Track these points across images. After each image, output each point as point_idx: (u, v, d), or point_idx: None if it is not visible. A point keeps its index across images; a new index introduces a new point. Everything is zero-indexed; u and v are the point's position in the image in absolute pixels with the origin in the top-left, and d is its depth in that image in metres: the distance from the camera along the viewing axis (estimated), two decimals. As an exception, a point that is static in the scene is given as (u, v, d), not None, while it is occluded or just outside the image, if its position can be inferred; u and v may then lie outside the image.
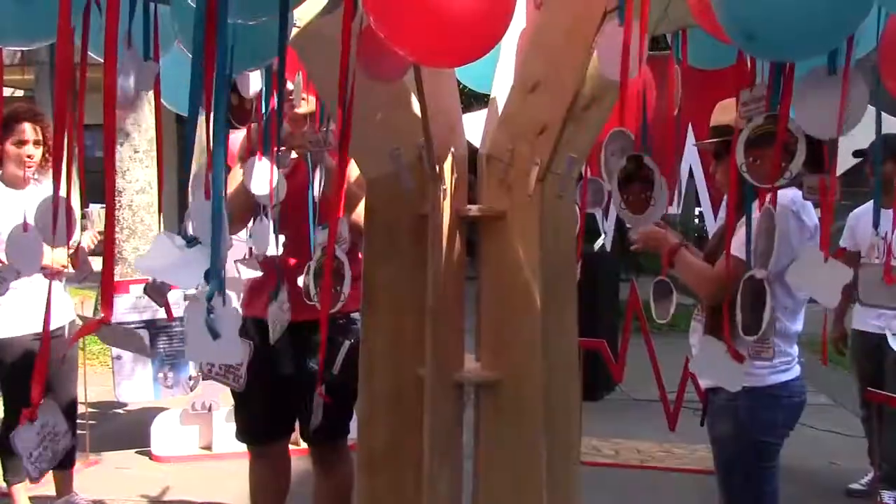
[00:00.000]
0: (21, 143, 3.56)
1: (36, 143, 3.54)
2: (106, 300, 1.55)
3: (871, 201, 4.21)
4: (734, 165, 1.81)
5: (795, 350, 2.78)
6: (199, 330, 1.47)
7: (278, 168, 2.32)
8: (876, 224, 2.09)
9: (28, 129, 3.53)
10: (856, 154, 3.99)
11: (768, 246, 1.88)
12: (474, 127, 2.72)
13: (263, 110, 2.37)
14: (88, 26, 1.63)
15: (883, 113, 2.13)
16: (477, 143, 2.61)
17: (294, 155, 2.92)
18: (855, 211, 4.37)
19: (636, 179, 1.82)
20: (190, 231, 1.58)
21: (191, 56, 1.47)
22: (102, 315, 1.58)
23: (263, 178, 2.31)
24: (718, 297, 2.64)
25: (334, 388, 2.54)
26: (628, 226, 4.13)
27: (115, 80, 1.42)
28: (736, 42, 1.54)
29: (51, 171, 3.43)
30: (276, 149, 2.32)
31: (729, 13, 1.47)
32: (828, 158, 2.10)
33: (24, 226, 2.06)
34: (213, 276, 1.50)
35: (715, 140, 2.77)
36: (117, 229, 7.76)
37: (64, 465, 3.85)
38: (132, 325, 4.88)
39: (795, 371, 2.74)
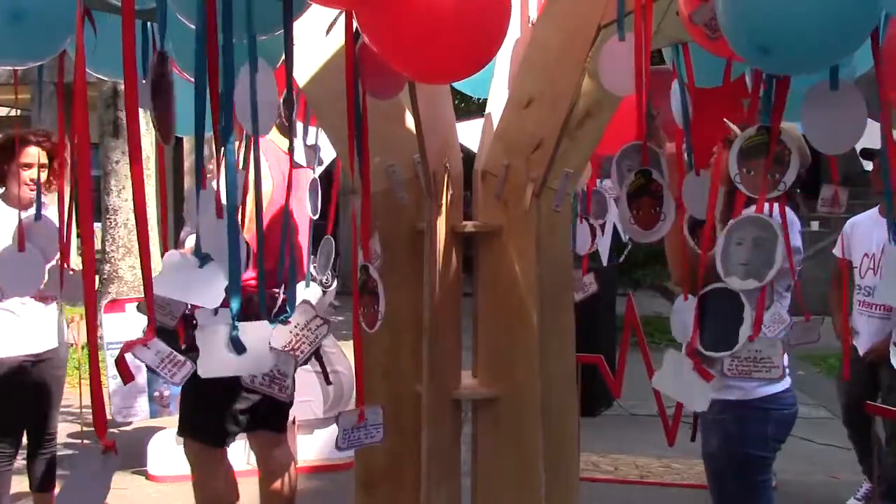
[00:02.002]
0: (27, 166, 3.58)
1: (42, 166, 3.55)
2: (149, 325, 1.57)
3: (868, 211, 4.22)
4: (716, 172, 1.81)
5: (785, 360, 2.77)
6: (220, 346, 1.49)
7: None
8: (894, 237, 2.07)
9: (35, 153, 3.54)
10: (863, 154, 3.94)
11: (760, 257, 1.81)
12: (471, 134, 2.72)
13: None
14: (83, 43, 1.63)
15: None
16: (474, 148, 2.61)
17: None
18: (851, 219, 4.30)
19: (645, 194, 1.81)
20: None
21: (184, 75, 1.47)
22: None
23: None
24: (684, 283, 2.63)
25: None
26: (625, 240, 4.14)
27: (84, 87, 1.43)
28: (748, 57, 1.54)
29: (54, 192, 3.45)
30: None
31: (742, 27, 1.47)
32: (836, 171, 2.11)
33: (20, 245, 2.05)
34: (233, 294, 1.52)
35: (739, 131, 2.73)
36: (113, 248, 7.74)
37: (44, 488, 3.82)
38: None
39: (785, 382, 2.71)
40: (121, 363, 1.59)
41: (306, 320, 2.18)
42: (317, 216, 2.88)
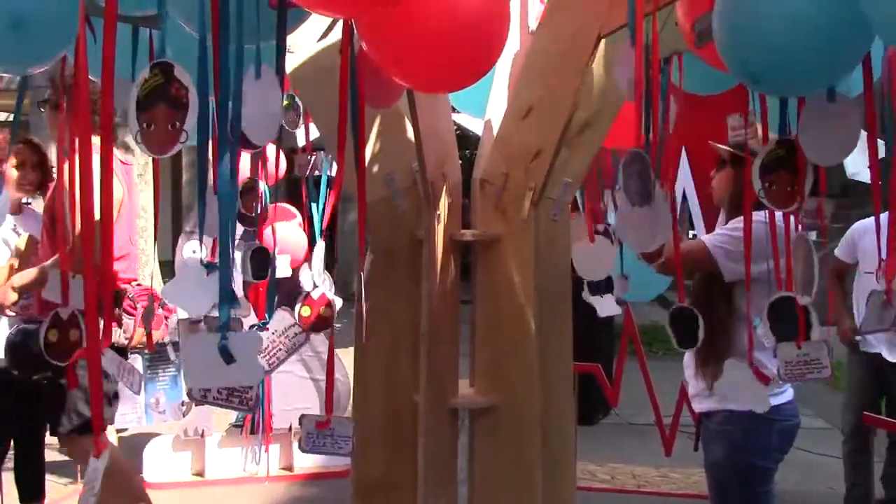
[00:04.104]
0: (20, 165, 3.53)
1: (33, 166, 3.52)
2: (106, 329, 1.57)
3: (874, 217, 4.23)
4: (748, 185, 1.86)
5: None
6: (206, 356, 1.49)
7: None
8: None
9: (26, 152, 3.50)
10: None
11: (807, 273, 1.89)
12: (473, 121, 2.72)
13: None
14: (85, 51, 1.63)
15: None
16: (476, 129, 2.62)
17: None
18: (857, 224, 4.27)
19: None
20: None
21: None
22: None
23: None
24: (663, 269, 2.66)
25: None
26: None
27: (111, 104, 1.43)
28: (742, 81, 1.59)
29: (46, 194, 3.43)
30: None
31: (734, 56, 1.51)
32: (825, 182, 2.13)
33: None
34: (223, 303, 1.52)
35: (729, 149, 2.74)
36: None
37: (34, 499, 3.78)
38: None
39: (788, 394, 2.72)
40: (69, 370, 1.60)
41: (284, 327, 2.18)
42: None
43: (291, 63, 2.28)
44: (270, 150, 3.92)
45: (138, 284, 3.32)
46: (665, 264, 2.61)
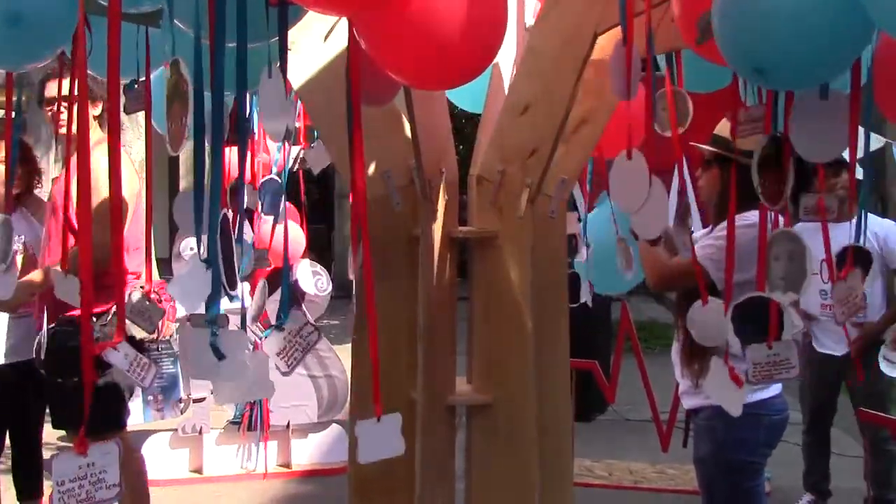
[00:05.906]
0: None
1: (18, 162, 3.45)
2: (119, 324, 1.59)
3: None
4: (734, 184, 1.94)
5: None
6: (200, 351, 1.50)
7: None
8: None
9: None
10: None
11: (795, 269, 1.87)
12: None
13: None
14: (78, 48, 1.63)
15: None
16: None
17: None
18: (799, 225, 4.28)
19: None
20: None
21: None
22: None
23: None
24: (659, 286, 2.67)
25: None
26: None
27: (118, 103, 1.45)
28: (745, 76, 1.58)
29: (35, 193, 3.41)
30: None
31: (737, 49, 1.51)
32: (823, 179, 2.15)
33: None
34: (214, 299, 1.53)
35: (712, 149, 2.75)
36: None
37: (32, 496, 3.77)
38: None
39: (776, 388, 2.72)
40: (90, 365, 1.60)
41: (298, 327, 2.19)
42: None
43: (291, 61, 2.28)
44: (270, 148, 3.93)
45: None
46: (658, 282, 2.62)
